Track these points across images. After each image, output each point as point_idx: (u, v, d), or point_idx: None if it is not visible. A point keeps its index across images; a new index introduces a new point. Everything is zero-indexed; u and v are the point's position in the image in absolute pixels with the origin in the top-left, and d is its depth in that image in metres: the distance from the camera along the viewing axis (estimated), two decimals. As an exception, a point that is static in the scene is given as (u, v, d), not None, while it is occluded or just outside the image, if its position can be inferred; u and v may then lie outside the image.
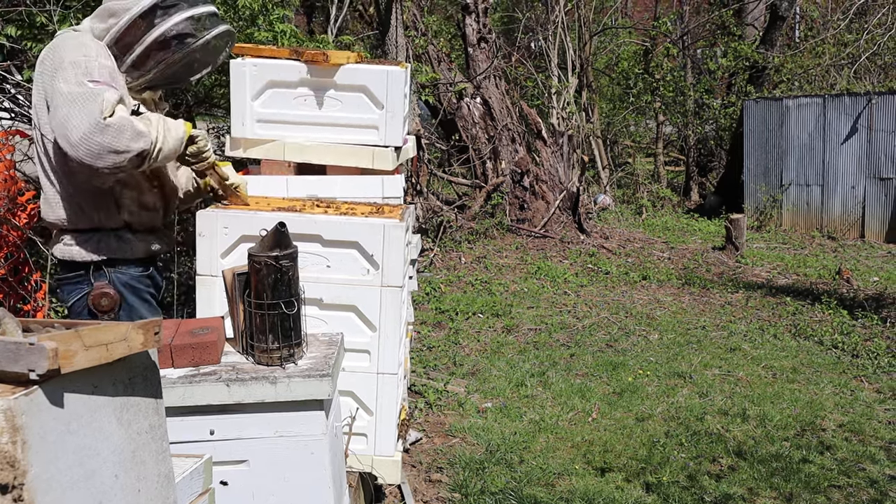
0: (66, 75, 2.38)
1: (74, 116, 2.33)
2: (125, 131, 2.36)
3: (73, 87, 2.36)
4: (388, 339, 2.74)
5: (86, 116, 2.32)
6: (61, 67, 2.40)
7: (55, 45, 2.50)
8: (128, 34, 2.52)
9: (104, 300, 2.61)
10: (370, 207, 2.85)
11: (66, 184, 2.56)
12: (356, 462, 2.80)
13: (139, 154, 2.39)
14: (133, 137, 2.37)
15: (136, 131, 2.39)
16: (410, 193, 8.46)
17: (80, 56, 2.42)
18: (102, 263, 2.63)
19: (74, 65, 2.40)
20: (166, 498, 1.37)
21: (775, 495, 3.82)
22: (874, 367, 5.70)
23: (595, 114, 14.41)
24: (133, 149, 2.37)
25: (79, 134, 2.32)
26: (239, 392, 2.08)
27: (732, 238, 9.88)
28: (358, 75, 2.93)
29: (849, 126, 11.43)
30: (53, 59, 2.45)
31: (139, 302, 2.72)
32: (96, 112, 2.32)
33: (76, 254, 2.61)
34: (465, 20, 10.57)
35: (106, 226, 2.63)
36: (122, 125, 2.37)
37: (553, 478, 3.93)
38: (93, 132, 2.32)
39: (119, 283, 2.66)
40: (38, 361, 1.05)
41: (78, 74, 2.38)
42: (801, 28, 15.41)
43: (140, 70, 2.57)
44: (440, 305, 7.04)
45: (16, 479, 1.02)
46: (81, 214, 2.60)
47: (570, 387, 5.19)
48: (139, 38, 2.52)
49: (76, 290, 2.64)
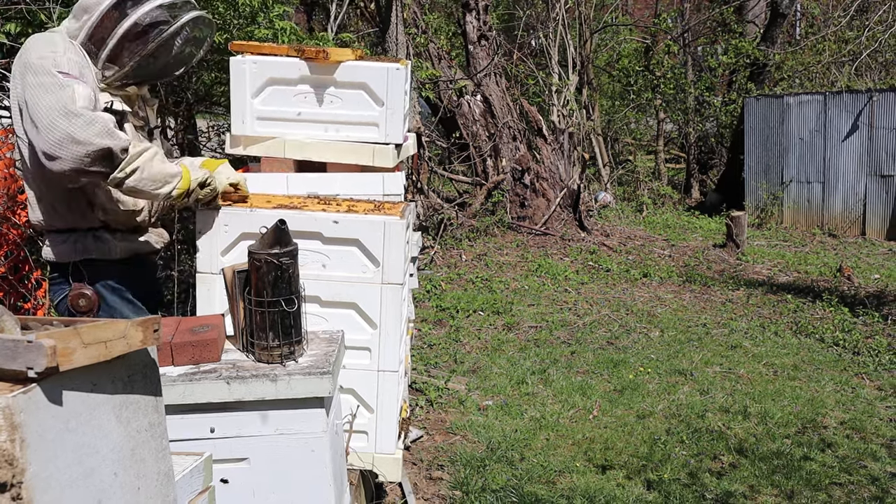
0: (35, 69, 2.34)
1: (42, 103, 2.27)
2: (95, 124, 2.27)
3: (42, 77, 2.32)
4: (389, 337, 2.74)
5: (54, 102, 2.27)
6: (29, 64, 2.37)
7: (25, 45, 2.46)
8: (100, 28, 2.48)
9: (81, 301, 2.59)
10: (370, 205, 2.84)
11: (40, 183, 2.53)
12: (357, 460, 2.79)
13: (103, 153, 2.27)
14: (101, 133, 2.26)
15: (108, 129, 2.29)
16: (411, 191, 8.46)
17: (48, 52, 2.38)
18: (80, 264, 2.61)
19: (42, 58, 2.36)
20: (166, 496, 1.37)
21: (776, 493, 3.82)
22: (875, 364, 5.69)
23: (596, 111, 14.40)
24: (97, 144, 2.25)
25: (46, 120, 2.25)
26: (239, 390, 2.07)
27: (733, 235, 9.88)
28: (358, 72, 2.92)
29: (850, 123, 11.42)
30: (22, 58, 2.41)
31: (121, 302, 2.68)
32: (66, 98, 2.27)
33: (56, 254, 2.59)
34: (465, 17, 10.56)
35: (81, 226, 2.59)
36: (93, 118, 2.28)
37: (554, 475, 3.93)
38: (59, 117, 2.25)
39: (98, 283, 2.64)
40: (37, 359, 1.04)
41: (46, 66, 2.34)
42: (802, 25, 15.40)
43: (116, 64, 2.51)
44: (441, 303, 7.04)
45: (14, 478, 1.01)
46: (55, 215, 2.56)
47: (571, 384, 5.19)
48: (111, 31, 2.48)
49: (59, 290, 2.63)
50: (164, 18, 2.54)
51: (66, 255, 2.59)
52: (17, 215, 3.43)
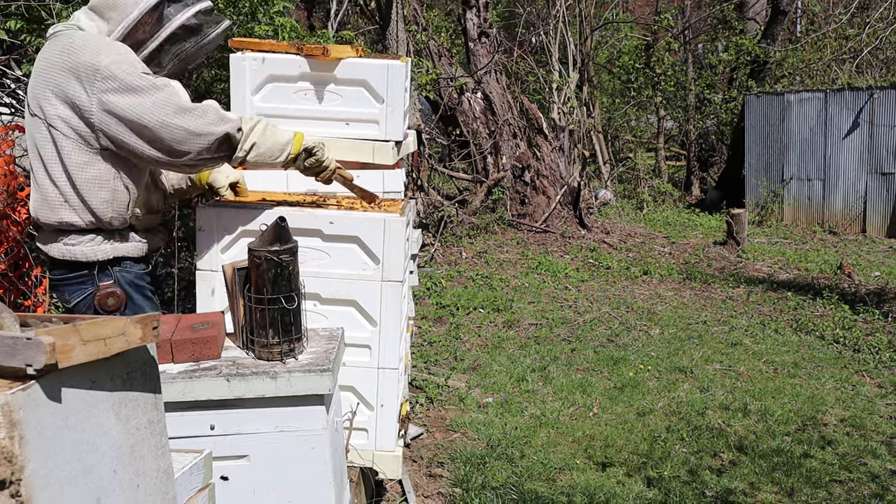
0: (113, 74, 2.34)
1: (144, 106, 2.34)
2: (207, 114, 2.40)
3: (127, 80, 2.34)
4: (389, 334, 2.74)
5: (159, 103, 2.35)
6: (100, 69, 2.34)
7: (73, 46, 2.40)
8: (138, 30, 2.47)
9: (111, 300, 2.58)
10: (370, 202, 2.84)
11: (80, 186, 2.49)
12: (357, 457, 2.79)
13: (225, 139, 2.43)
14: (216, 121, 2.41)
15: (220, 116, 2.42)
16: (411, 188, 8.45)
17: (116, 55, 2.37)
18: (108, 263, 2.61)
19: (116, 63, 2.35)
20: (165, 493, 1.37)
21: (776, 490, 3.82)
22: (875, 361, 5.69)
23: (596, 109, 14.39)
24: (216, 132, 2.41)
25: (157, 121, 2.34)
26: (239, 387, 2.07)
27: (733, 233, 9.87)
28: (358, 69, 2.92)
29: (850, 121, 11.41)
30: (79, 61, 2.36)
31: (143, 300, 2.70)
32: (170, 97, 2.35)
33: (79, 253, 2.55)
34: (465, 15, 10.55)
35: (112, 226, 2.58)
36: (204, 108, 2.40)
37: (554, 472, 3.93)
38: (171, 116, 2.36)
39: (124, 281, 2.63)
40: (36, 356, 1.04)
41: (126, 69, 2.35)
42: (803, 22, 15.38)
43: (152, 65, 2.54)
44: (441, 300, 7.04)
45: (13, 475, 1.01)
46: (89, 215, 2.53)
47: (571, 382, 5.19)
48: (153, 34, 2.48)
49: (79, 290, 2.58)
50: (201, 23, 2.56)
51: (92, 254, 2.56)
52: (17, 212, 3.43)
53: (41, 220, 2.56)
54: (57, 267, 2.61)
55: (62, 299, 2.64)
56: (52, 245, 2.57)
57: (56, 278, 2.63)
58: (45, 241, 2.60)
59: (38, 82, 2.45)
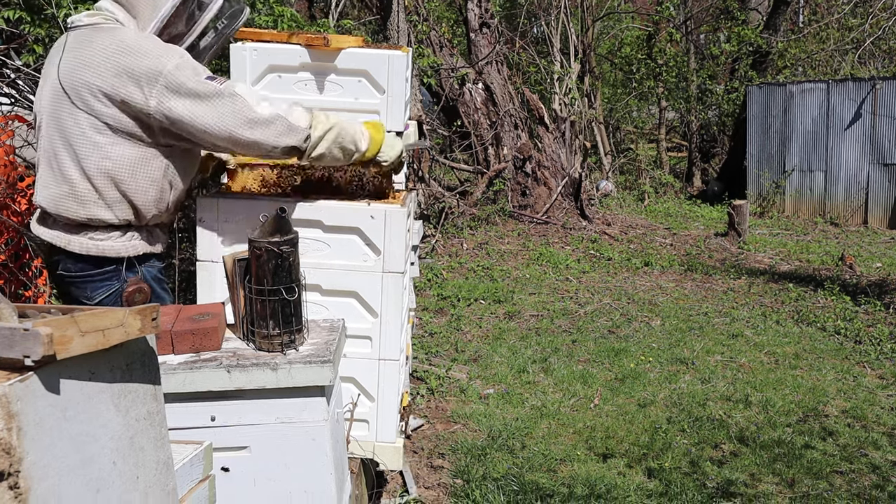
0: (180, 79, 2.32)
1: (210, 117, 2.34)
2: (274, 124, 2.40)
3: (199, 86, 2.33)
4: (390, 326, 2.73)
5: (227, 115, 2.34)
6: (163, 73, 2.31)
7: (127, 46, 2.34)
8: (173, 23, 2.44)
9: (138, 295, 2.56)
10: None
11: (126, 183, 2.45)
12: (358, 448, 2.79)
13: (288, 149, 2.44)
14: (282, 133, 2.41)
15: (287, 126, 2.42)
16: (412, 179, 8.44)
17: (178, 58, 2.35)
18: (136, 259, 2.59)
19: (180, 68, 2.33)
20: (165, 484, 1.36)
21: (777, 481, 3.82)
22: (877, 353, 5.69)
23: (597, 99, 14.35)
24: (281, 144, 2.42)
25: (224, 133, 2.36)
26: (240, 378, 2.07)
27: (735, 224, 9.86)
28: (359, 60, 2.90)
29: (853, 111, 11.38)
30: (139, 65, 2.32)
31: (163, 293, 2.70)
32: (239, 108, 2.35)
33: (109, 249, 2.51)
34: (466, 5, 10.51)
35: (147, 223, 2.56)
36: (271, 118, 2.39)
37: (555, 464, 3.93)
38: (239, 129, 2.37)
39: (149, 276, 2.62)
40: (34, 347, 1.03)
41: (191, 77, 2.33)
42: (806, 13, 15.32)
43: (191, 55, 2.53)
44: (442, 292, 7.04)
45: (11, 466, 1.01)
46: (126, 212, 2.49)
47: (572, 373, 5.19)
48: (190, 26, 2.46)
49: (104, 286, 2.55)
50: (231, 9, 2.57)
51: (123, 251, 2.53)
52: (18, 203, 3.42)
53: (64, 215, 2.48)
54: (76, 262, 2.53)
55: (82, 295, 2.56)
56: (74, 238, 2.50)
57: (76, 274, 2.55)
58: (61, 232, 2.53)
59: (86, 75, 2.37)
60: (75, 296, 2.57)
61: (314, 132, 2.47)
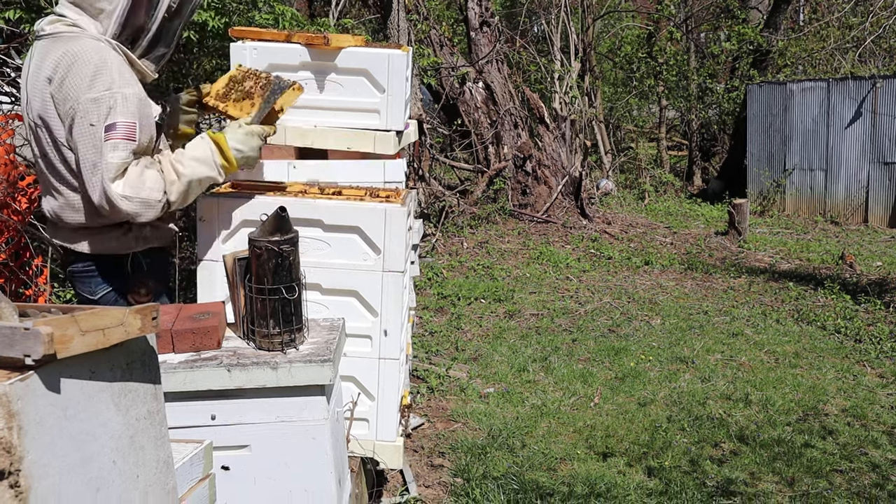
0: (86, 121, 2.29)
1: (88, 181, 2.32)
2: (130, 203, 2.34)
3: (87, 146, 2.30)
4: (390, 325, 2.73)
5: (97, 185, 2.31)
6: (81, 103, 2.29)
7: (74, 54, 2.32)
8: (133, 15, 2.40)
9: (142, 290, 2.57)
10: (371, 192, 2.83)
11: None
12: (358, 447, 2.79)
13: (147, 218, 2.41)
14: (141, 207, 2.36)
15: (143, 201, 2.36)
16: (412, 178, 8.44)
17: (103, 89, 2.30)
18: (139, 254, 2.59)
19: (96, 103, 2.29)
20: (165, 483, 1.37)
21: (777, 480, 3.82)
22: (877, 351, 5.69)
23: (598, 98, 14.35)
24: (140, 216, 2.38)
25: (89, 181, 2.32)
26: (240, 377, 2.07)
27: (735, 223, 9.86)
28: (359, 59, 2.90)
29: (853, 110, 11.37)
30: (71, 80, 2.31)
31: (165, 289, 2.72)
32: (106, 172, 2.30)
33: (109, 248, 2.52)
34: (467, 4, 10.51)
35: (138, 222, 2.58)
36: (127, 197, 2.33)
37: (555, 462, 3.93)
38: (101, 201, 2.32)
39: (154, 271, 2.63)
40: (34, 346, 1.03)
41: (95, 124, 2.29)
42: (806, 11, 15.32)
43: (159, 47, 2.49)
44: (442, 291, 7.04)
45: (12, 465, 1.01)
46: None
47: (572, 372, 5.19)
48: (151, 14, 2.42)
49: (105, 282, 2.56)
50: None
51: (121, 248, 2.53)
52: (18, 201, 3.42)
53: (65, 220, 2.51)
54: (81, 260, 2.56)
55: (85, 291, 2.59)
56: (78, 238, 2.53)
57: (80, 271, 2.58)
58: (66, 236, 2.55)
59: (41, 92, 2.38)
60: (79, 292, 2.60)
61: (171, 196, 2.43)
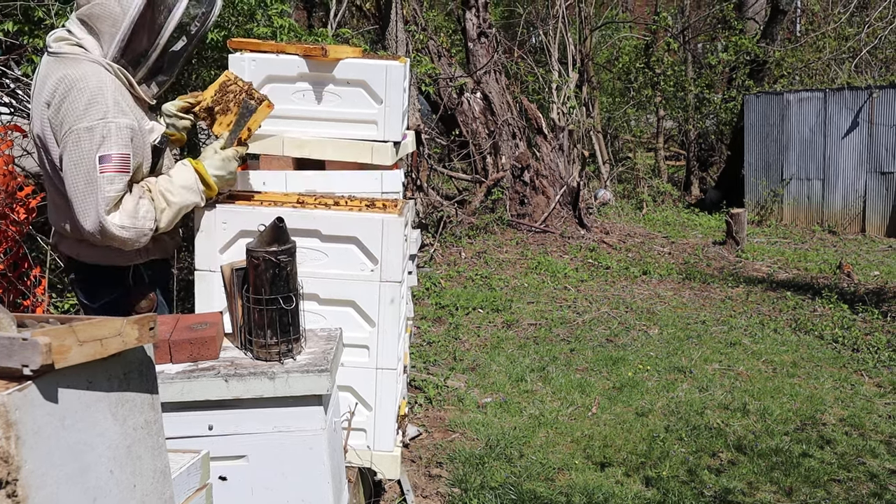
0: (79, 149, 2.30)
1: (79, 192, 2.32)
2: (126, 232, 2.37)
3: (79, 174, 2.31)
4: (387, 335, 2.74)
5: (89, 213, 2.32)
6: (74, 131, 2.30)
7: (72, 80, 2.32)
8: (135, 40, 2.40)
9: (144, 302, 2.59)
10: (369, 202, 2.84)
11: None
12: (355, 457, 2.79)
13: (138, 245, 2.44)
14: (135, 235, 2.39)
15: (138, 230, 2.39)
16: (410, 188, 8.45)
17: (97, 118, 2.30)
18: (140, 265, 2.60)
19: (90, 132, 2.29)
20: (162, 493, 1.37)
21: (775, 489, 3.82)
22: (875, 361, 5.69)
23: (595, 108, 14.39)
24: (133, 244, 2.41)
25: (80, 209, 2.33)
26: (237, 387, 2.08)
27: (733, 233, 9.87)
28: (357, 70, 2.92)
29: (850, 120, 11.41)
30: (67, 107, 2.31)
31: (164, 299, 2.73)
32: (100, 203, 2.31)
33: (108, 259, 2.54)
34: (465, 15, 10.55)
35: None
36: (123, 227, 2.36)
37: (553, 472, 3.93)
38: (94, 230, 2.34)
39: (155, 282, 2.64)
40: (32, 357, 1.04)
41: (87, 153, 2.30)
42: (803, 22, 15.37)
43: (163, 73, 2.52)
44: (440, 300, 7.04)
45: (10, 475, 1.01)
46: None
47: (570, 382, 5.19)
48: (153, 40, 2.42)
49: (104, 292, 2.58)
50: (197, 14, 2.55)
51: (127, 259, 2.55)
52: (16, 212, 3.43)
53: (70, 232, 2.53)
54: (83, 270, 2.59)
55: (85, 299, 2.62)
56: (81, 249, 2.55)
57: (81, 279, 2.60)
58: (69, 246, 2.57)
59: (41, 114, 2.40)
60: (80, 300, 2.62)
61: (161, 223, 2.47)
